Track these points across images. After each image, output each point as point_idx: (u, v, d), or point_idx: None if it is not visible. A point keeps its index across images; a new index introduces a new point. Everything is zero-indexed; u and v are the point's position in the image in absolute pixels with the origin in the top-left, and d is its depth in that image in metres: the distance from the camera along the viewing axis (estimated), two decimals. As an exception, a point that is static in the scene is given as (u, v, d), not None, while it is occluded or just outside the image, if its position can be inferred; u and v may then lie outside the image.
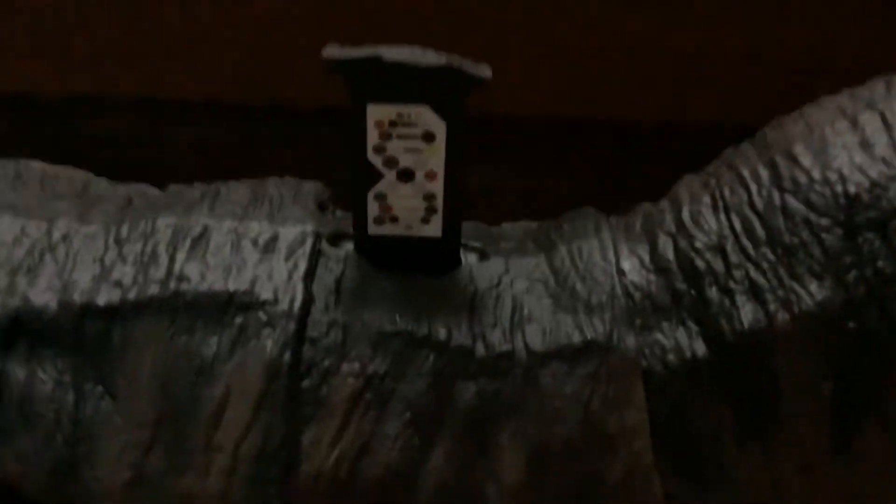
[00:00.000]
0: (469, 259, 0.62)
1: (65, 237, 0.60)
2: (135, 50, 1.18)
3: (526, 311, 0.59)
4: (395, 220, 0.61)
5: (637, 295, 0.59)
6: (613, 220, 0.63)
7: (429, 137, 0.58)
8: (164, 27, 1.15)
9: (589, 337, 0.57)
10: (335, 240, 0.62)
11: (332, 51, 0.57)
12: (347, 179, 0.60)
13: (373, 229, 0.61)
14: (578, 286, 0.59)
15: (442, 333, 0.58)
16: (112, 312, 0.58)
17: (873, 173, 0.56)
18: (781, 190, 0.57)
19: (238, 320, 0.57)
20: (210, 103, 1.22)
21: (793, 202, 0.57)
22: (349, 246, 0.62)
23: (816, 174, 0.57)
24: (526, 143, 1.16)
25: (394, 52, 0.57)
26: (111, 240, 0.60)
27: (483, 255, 0.62)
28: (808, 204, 0.56)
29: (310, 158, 1.00)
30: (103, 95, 1.18)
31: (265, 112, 1.20)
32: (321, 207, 0.64)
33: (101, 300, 0.58)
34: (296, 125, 1.14)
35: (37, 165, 0.67)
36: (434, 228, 0.61)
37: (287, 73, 1.13)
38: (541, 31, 1.14)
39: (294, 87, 1.13)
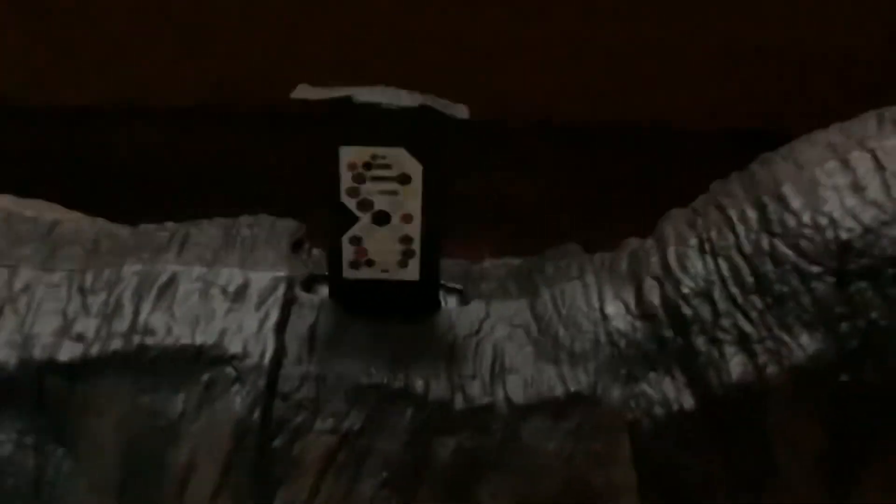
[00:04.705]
0: (448, 302, 0.60)
1: (26, 287, 0.58)
2: (125, 60, 1.17)
3: (507, 361, 0.56)
4: (370, 263, 0.58)
5: (622, 342, 0.56)
6: (598, 258, 0.61)
7: (404, 179, 0.56)
8: (154, 35, 1.15)
9: (572, 389, 0.55)
10: (309, 284, 0.60)
11: (302, 91, 0.54)
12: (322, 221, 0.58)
13: (348, 273, 0.58)
14: (561, 333, 0.57)
15: (419, 386, 0.55)
16: (74, 369, 0.55)
17: (866, 218, 0.53)
18: (770, 234, 0.55)
19: (205, 377, 0.55)
20: (199, 109, 1.21)
21: (782, 247, 0.54)
22: (324, 290, 0.59)
23: (806, 218, 0.54)
24: (512, 148, 1.15)
25: (366, 93, 0.54)
26: (75, 289, 0.58)
27: (463, 298, 0.60)
28: (798, 250, 0.54)
29: (297, 161, 0.98)
30: (93, 105, 1.18)
31: (256, 118, 1.19)
32: (296, 246, 0.61)
33: (63, 356, 0.56)
34: (286, 129, 1.13)
35: (2, 205, 0.65)
36: (412, 272, 0.58)
37: (280, 77, 1.12)
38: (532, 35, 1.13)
39: (285, 92, 1.12)
